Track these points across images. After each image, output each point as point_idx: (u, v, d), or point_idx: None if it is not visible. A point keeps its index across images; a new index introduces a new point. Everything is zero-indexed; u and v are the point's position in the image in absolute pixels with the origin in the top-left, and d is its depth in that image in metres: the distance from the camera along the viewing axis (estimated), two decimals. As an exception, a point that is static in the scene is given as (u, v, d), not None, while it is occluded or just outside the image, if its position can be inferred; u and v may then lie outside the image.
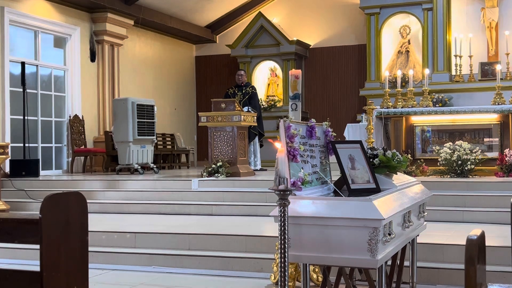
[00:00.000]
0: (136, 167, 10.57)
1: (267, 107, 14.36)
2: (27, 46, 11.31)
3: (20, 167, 9.91)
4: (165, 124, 14.37)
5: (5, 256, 6.06)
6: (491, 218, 6.48)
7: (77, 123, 11.88)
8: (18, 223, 1.65)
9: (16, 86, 10.57)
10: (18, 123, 10.53)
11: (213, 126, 9.27)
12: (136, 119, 10.60)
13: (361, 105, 12.97)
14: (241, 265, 5.38)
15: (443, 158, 8.12)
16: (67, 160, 11.92)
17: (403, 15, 13.39)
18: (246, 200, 7.76)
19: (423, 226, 3.95)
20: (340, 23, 14.46)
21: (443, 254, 5.01)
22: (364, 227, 2.69)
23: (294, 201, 2.79)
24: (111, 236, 6.19)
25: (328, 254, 2.78)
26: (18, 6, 10.81)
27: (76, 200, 1.70)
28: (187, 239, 5.91)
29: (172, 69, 15.19)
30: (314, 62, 14.74)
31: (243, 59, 14.65)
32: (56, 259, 1.62)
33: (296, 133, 3.05)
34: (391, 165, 3.57)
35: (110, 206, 8.12)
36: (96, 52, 12.57)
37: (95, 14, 12.44)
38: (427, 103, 9.24)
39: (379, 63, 13.35)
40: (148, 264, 5.70)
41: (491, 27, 12.59)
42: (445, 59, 12.78)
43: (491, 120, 8.69)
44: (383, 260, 2.81)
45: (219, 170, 8.83)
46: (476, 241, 2.04)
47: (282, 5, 14.99)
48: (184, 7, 14.05)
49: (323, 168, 3.39)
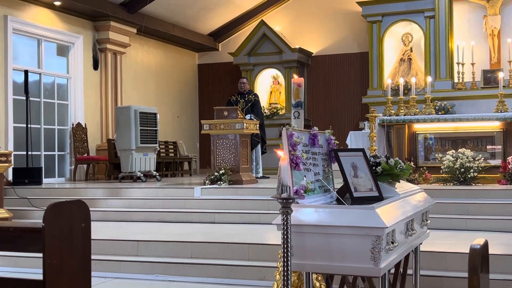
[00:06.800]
0: (138, 175, 10.57)
1: (270, 114, 14.37)
2: (30, 55, 11.35)
3: (23, 175, 9.92)
4: (167, 132, 14.39)
5: (8, 265, 6.06)
6: (494, 226, 6.46)
7: (80, 131, 11.90)
8: (21, 232, 1.65)
9: (19, 94, 10.59)
10: (21, 131, 10.55)
11: (215, 134, 9.28)
12: (138, 127, 10.61)
13: (363, 112, 12.97)
14: (244, 274, 5.37)
15: (446, 165, 8.10)
16: (70, 168, 11.92)
17: (405, 23, 13.40)
18: (248, 208, 7.75)
19: (426, 234, 3.94)
20: (342, 31, 14.48)
21: (446, 262, 4.99)
22: (367, 236, 2.68)
23: (296, 209, 2.79)
24: (114, 244, 6.18)
25: (331, 263, 2.77)
26: (21, 14, 10.85)
27: (79, 208, 1.71)
28: (189, 247, 5.91)
29: (175, 77, 15.22)
30: (317, 70, 14.75)
31: (246, 67, 14.68)
32: (58, 268, 1.61)
33: (298, 141, 3.05)
34: (394, 173, 3.56)
35: (113, 214, 8.11)
36: (99, 60, 12.61)
37: (98, 23, 12.48)
38: (429, 110, 9.23)
39: (382, 71, 13.36)
40: (150, 272, 5.69)
41: (493, 34, 12.60)
42: (448, 66, 12.79)
43: (494, 128, 8.68)
44: (386, 269, 2.80)
45: (221, 177, 8.82)
46: (480, 250, 2.04)
47: (284, 13, 15.03)
48: (186, 15, 14.09)
49: (326, 176, 3.39)
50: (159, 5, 12.98)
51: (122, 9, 12.56)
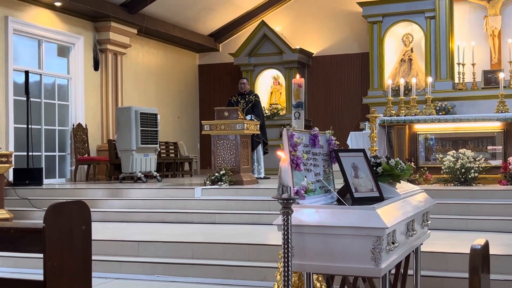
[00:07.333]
0: (139, 175, 10.57)
1: (270, 115, 14.37)
2: (31, 55, 11.35)
3: (24, 176, 9.93)
4: (168, 132, 14.39)
5: (8, 265, 6.06)
6: (495, 226, 6.46)
7: (80, 131, 11.91)
8: (22, 232, 1.65)
9: (19, 95, 10.60)
10: (22, 131, 10.55)
11: (216, 135, 9.28)
12: (139, 127, 10.62)
13: (364, 113, 12.97)
14: (244, 274, 5.37)
15: (447, 166, 8.10)
16: (70, 168, 11.93)
17: (405, 23, 13.40)
18: (249, 208, 7.75)
19: (426, 235, 3.94)
20: (342, 31, 14.48)
21: (447, 262, 4.99)
22: (367, 236, 2.68)
23: (297, 209, 2.79)
24: (114, 244, 6.18)
25: (332, 263, 2.77)
26: (22, 15, 10.86)
27: (80, 209, 1.71)
28: (190, 248, 5.91)
29: (175, 77, 15.22)
30: (317, 71, 14.75)
31: (246, 68, 14.68)
32: (59, 268, 1.61)
33: (299, 141, 3.05)
34: (395, 174, 3.56)
35: (113, 215, 8.11)
36: (100, 61, 12.61)
37: (98, 23, 12.48)
38: (430, 111, 9.23)
39: (382, 71, 13.36)
40: (151, 272, 5.69)
41: (493, 35, 12.60)
42: (448, 67, 12.79)
43: (495, 128, 8.68)
44: (387, 269, 2.80)
45: (222, 178, 8.82)
46: (480, 251, 2.04)
47: (284, 13, 15.03)
48: (187, 16, 14.10)
49: (327, 176, 3.39)
50: (160, 6, 12.99)
51: (123, 10, 12.56)
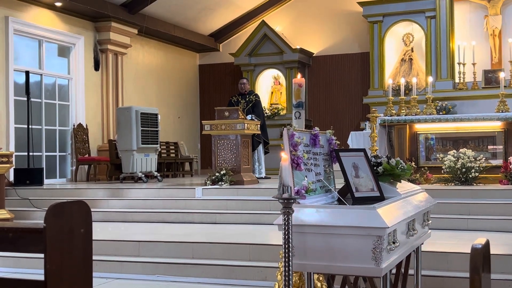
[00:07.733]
0: (139, 175, 10.57)
1: (271, 115, 14.38)
2: (31, 55, 11.36)
3: (24, 176, 9.93)
4: (168, 132, 14.39)
5: (9, 265, 6.06)
6: (496, 226, 6.46)
7: (81, 131, 11.91)
8: (22, 232, 1.65)
9: (20, 95, 10.60)
10: (22, 132, 10.55)
11: (216, 134, 9.28)
12: (139, 127, 10.62)
13: (364, 113, 12.97)
14: (245, 274, 5.37)
15: (447, 165, 8.10)
16: (71, 168, 11.93)
17: (406, 23, 13.40)
18: (250, 208, 7.75)
19: (427, 234, 3.94)
20: (343, 31, 14.48)
21: (447, 262, 4.99)
22: (368, 236, 2.68)
23: (298, 209, 2.79)
24: (115, 244, 6.18)
25: (332, 263, 2.77)
26: (23, 15, 10.86)
27: (80, 209, 1.70)
28: (190, 248, 5.91)
29: (176, 77, 15.22)
30: (318, 70, 14.75)
31: (247, 68, 14.68)
32: (60, 268, 1.61)
33: (299, 141, 3.05)
34: (395, 173, 3.56)
35: (114, 215, 8.12)
36: (100, 61, 12.61)
37: (99, 23, 12.48)
38: (430, 110, 9.23)
39: (383, 71, 13.35)
40: (151, 272, 5.69)
41: (494, 34, 12.60)
42: (449, 66, 12.78)
43: (495, 128, 8.68)
44: (387, 269, 2.80)
45: (222, 178, 8.82)
46: (481, 250, 2.04)
47: (285, 13, 15.03)
48: (187, 16, 14.10)
49: (327, 176, 3.39)
50: (160, 6, 12.99)
51: (123, 10, 12.56)
